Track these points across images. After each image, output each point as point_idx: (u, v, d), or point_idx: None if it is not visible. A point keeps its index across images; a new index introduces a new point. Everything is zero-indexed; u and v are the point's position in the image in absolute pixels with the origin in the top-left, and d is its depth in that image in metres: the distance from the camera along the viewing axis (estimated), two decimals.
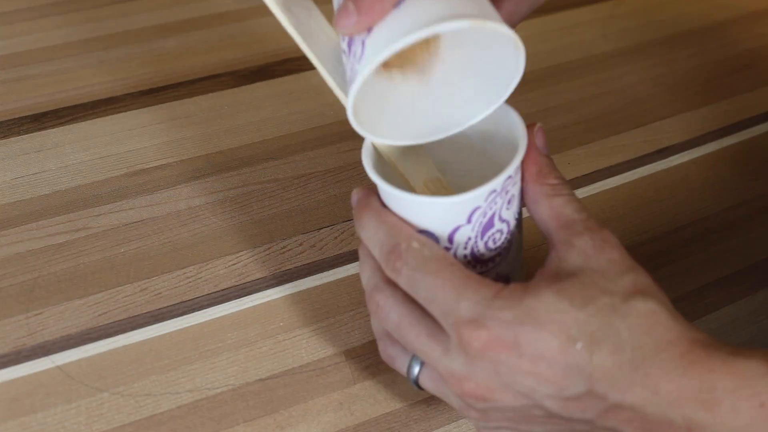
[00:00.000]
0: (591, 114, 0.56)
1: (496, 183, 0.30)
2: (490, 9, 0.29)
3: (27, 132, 0.53)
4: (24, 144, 0.52)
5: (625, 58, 0.62)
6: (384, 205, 0.33)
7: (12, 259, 0.44)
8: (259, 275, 0.44)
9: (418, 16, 0.27)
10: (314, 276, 0.44)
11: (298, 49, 0.32)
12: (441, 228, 0.31)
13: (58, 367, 0.39)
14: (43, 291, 0.42)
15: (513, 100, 0.34)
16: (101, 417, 0.37)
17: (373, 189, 0.33)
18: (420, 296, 0.29)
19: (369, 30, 0.28)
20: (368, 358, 0.40)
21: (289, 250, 0.45)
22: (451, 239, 0.32)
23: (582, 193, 0.50)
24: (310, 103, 0.56)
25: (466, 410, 0.31)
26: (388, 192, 0.31)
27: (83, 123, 0.54)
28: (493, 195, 0.31)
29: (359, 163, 0.52)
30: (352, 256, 0.45)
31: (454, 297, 0.28)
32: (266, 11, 0.69)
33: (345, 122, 0.31)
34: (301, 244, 0.46)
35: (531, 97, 0.58)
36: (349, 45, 0.29)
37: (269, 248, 0.45)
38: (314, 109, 0.56)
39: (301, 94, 0.57)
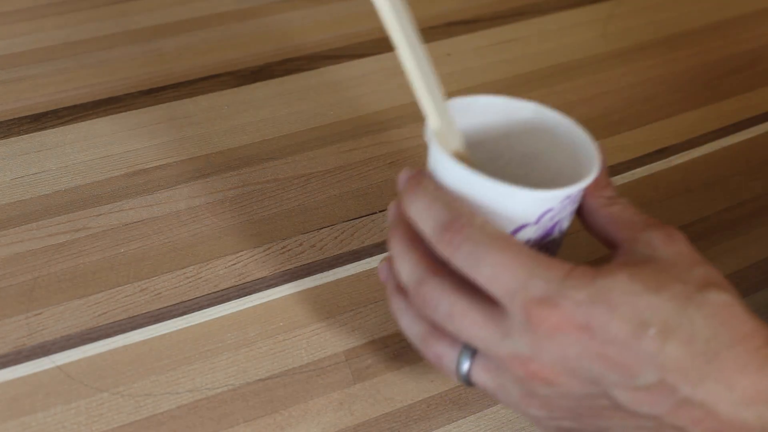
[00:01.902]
0: (591, 114, 0.56)
1: (573, 189, 0.29)
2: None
3: (27, 132, 0.53)
4: (24, 144, 0.52)
5: (625, 58, 0.62)
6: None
7: (12, 259, 0.44)
8: (259, 275, 0.44)
9: None
10: (314, 276, 0.44)
11: (298, 49, 0.32)
12: (506, 223, 0.30)
13: (58, 367, 0.39)
14: (43, 291, 0.42)
15: None
16: (101, 417, 0.37)
17: (424, 170, 0.31)
18: (482, 274, 0.28)
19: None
20: (368, 358, 0.40)
21: (289, 250, 0.45)
22: None
23: None
24: (310, 103, 0.56)
25: (527, 400, 0.29)
26: (463, 174, 0.29)
27: (83, 123, 0.54)
28: (567, 201, 0.30)
29: (359, 163, 0.52)
30: (352, 256, 0.45)
31: (524, 275, 0.27)
32: (266, 11, 0.69)
33: (345, 122, 0.31)
34: (301, 244, 0.46)
35: (531, 97, 0.57)
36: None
37: (269, 248, 0.45)
38: (314, 109, 0.56)
39: (301, 94, 0.57)
